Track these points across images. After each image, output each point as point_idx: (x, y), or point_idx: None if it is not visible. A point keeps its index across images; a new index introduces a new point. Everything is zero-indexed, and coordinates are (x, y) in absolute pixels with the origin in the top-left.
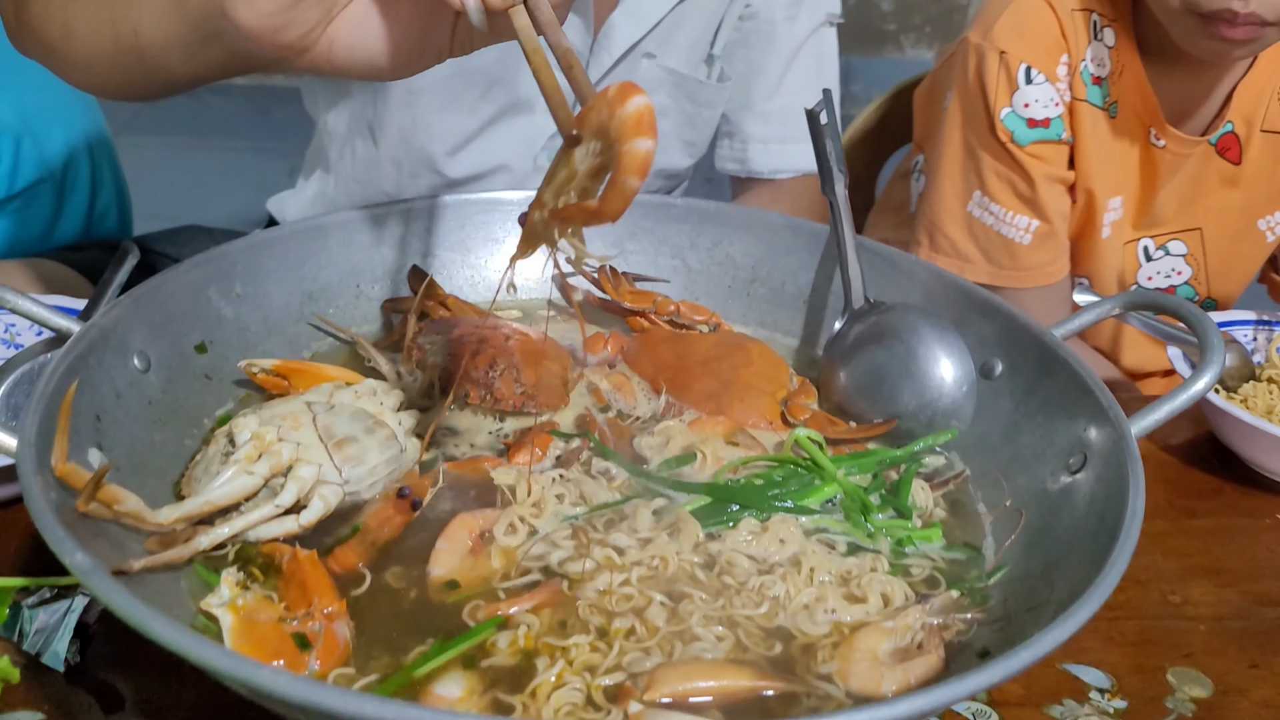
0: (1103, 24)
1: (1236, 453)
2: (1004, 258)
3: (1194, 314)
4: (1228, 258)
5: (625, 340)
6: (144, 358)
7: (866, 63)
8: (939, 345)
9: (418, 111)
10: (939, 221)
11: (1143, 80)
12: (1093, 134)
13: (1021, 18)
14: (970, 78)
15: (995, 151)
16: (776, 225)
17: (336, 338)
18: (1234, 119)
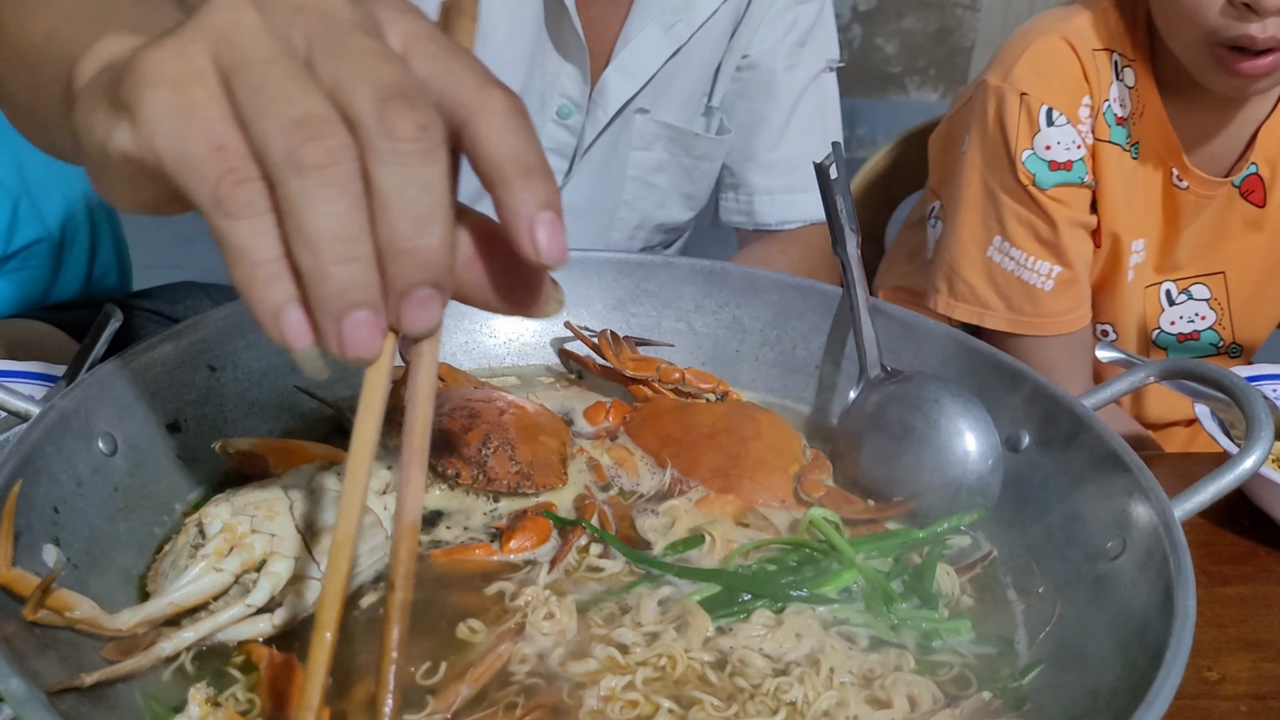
0: (1123, 64)
1: (1269, 514)
2: (1025, 304)
3: (1238, 385)
4: (1252, 302)
5: (628, 410)
6: (110, 440)
7: (871, 105)
8: (962, 417)
9: None
10: (958, 267)
11: (1163, 120)
12: (1117, 175)
13: (1042, 59)
14: (990, 120)
15: (1016, 195)
16: (786, 286)
17: (323, 402)
18: (1258, 161)
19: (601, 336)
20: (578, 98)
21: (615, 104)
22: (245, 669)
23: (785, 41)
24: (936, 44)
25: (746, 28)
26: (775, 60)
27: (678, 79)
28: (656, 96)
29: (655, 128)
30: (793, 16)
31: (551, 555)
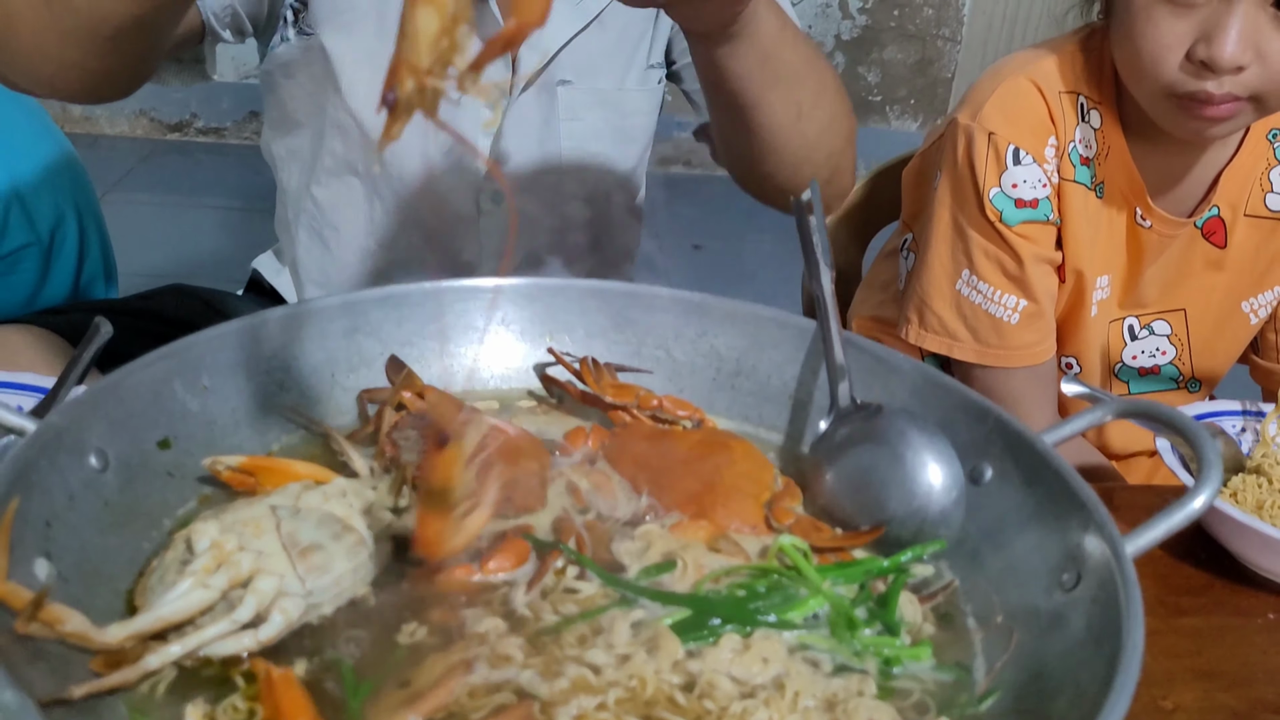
0: (1089, 106)
1: (1225, 547)
2: (992, 336)
3: (1189, 427)
4: (1211, 339)
5: (606, 435)
6: (102, 456)
7: None
8: (927, 450)
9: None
10: (928, 299)
11: (1128, 161)
12: (1081, 214)
13: (1009, 100)
14: (960, 158)
15: (984, 231)
16: (762, 318)
17: (310, 424)
18: (1219, 203)
19: (583, 363)
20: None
21: (523, 78)
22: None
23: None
24: (917, 74)
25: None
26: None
27: (600, 48)
28: (579, 67)
29: (581, 96)
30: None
31: (529, 576)
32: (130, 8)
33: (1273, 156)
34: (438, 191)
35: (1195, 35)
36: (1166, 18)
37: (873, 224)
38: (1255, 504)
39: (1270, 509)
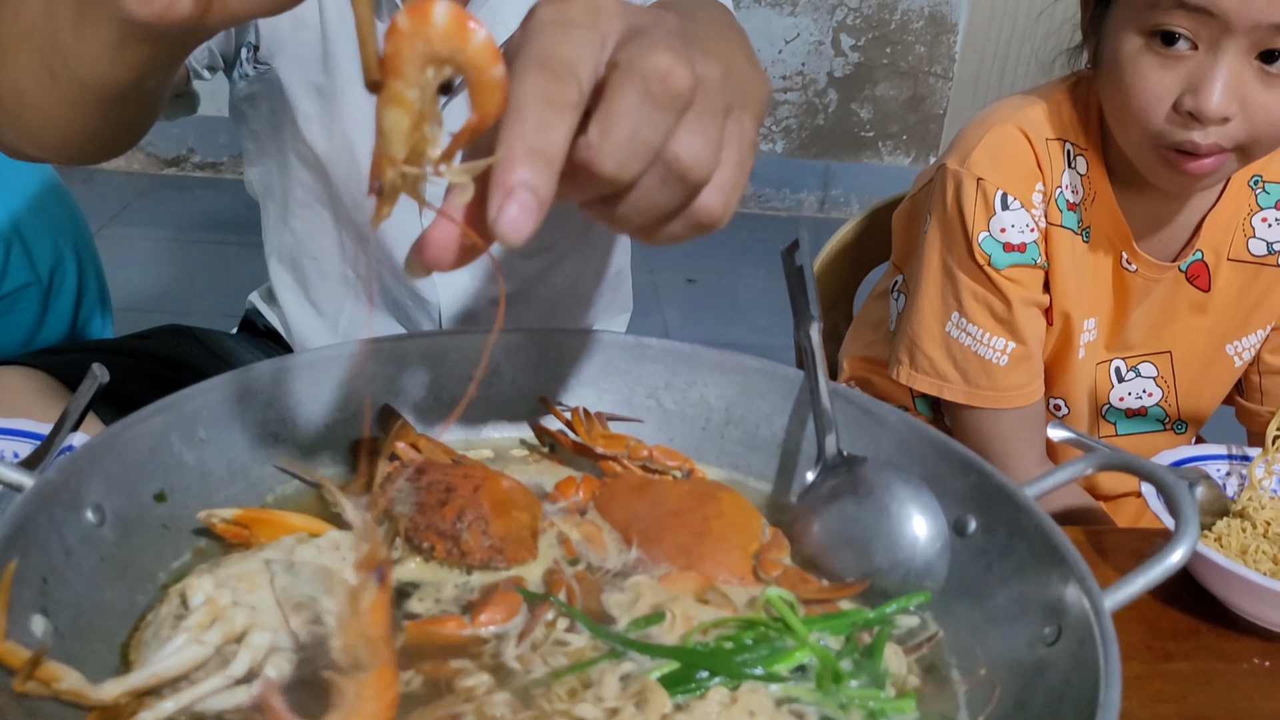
0: (1076, 152)
1: (1211, 592)
2: (981, 378)
3: (1167, 481)
4: (1197, 381)
5: (597, 485)
6: (99, 510)
7: (846, 167)
8: (912, 503)
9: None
10: (919, 340)
11: (1113, 206)
12: (1069, 258)
13: (997, 146)
14: (949, 203)
15: (973, 274)
16: (751, 369)
17: (304, 477)
18: (1203, 248)
19: (575, 413)
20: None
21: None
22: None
23: None
24: (909, 110)
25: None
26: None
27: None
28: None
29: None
30: None
31: (520, 629)
32: (131, 72)
33: (1254, 203)
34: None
35: (1182, 87)
36: (1154, 69)
37: (865, 263)
38: (1240, 549)
39: (1255, 554)
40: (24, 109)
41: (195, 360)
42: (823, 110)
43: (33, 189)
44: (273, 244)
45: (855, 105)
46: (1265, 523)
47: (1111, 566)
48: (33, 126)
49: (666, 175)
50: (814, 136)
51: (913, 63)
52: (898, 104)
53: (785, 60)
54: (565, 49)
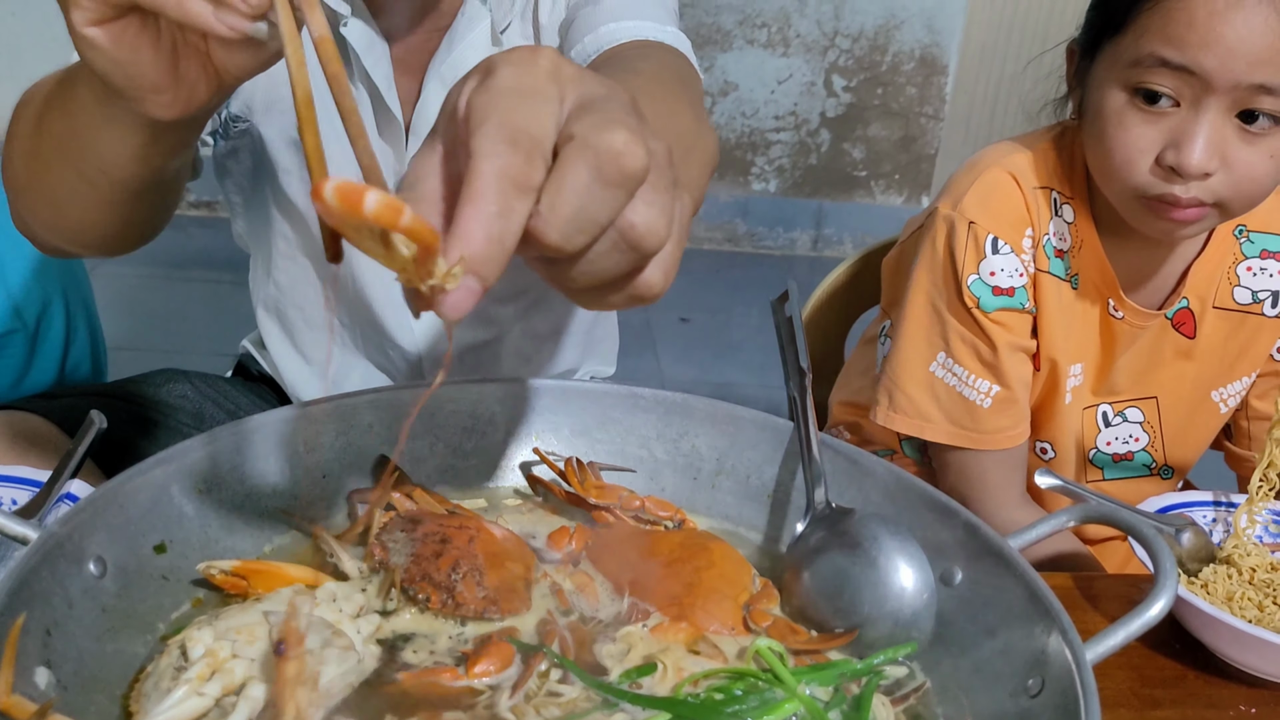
0: (1062, 201)
1: (1198, 639)
2: (965, 419)
3: (1147, 535)
4: (1183, 426)
5: (590, 535)
6: (100, 563)
7: (838, 206)
8: (899, 554)
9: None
10: (899, 381)
11: (1100, 255)
12: (1056, 304)
13: (988, 192)
14: (940, 245)
15: (961, 316)
16: (741, 419)
17: (300, 525)
18: (1189, 295)
19: (568, 463)
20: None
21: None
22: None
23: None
24: (901, 150)
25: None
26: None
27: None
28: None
29: None
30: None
31: (514, 680)
32: (160, 161)
33: (1239, 252)
34: (361, 267)
35: (1164, 142)
36: (1138, 124)
37: (855, 307)
38: (1225, 595)
39: (1240, 600)
40: (63, 215)
41: (189, 405)
42: (815, 150)
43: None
44: (259, 294)
45: (848, 145)
46: (1250, 569)
47: (1100, 613)
48: (72, 228)
49: (619, 243)
50: (807, 176)
51: (904, 104)
52: (890, 144)
53: (778, 100)
54: (531, 123)
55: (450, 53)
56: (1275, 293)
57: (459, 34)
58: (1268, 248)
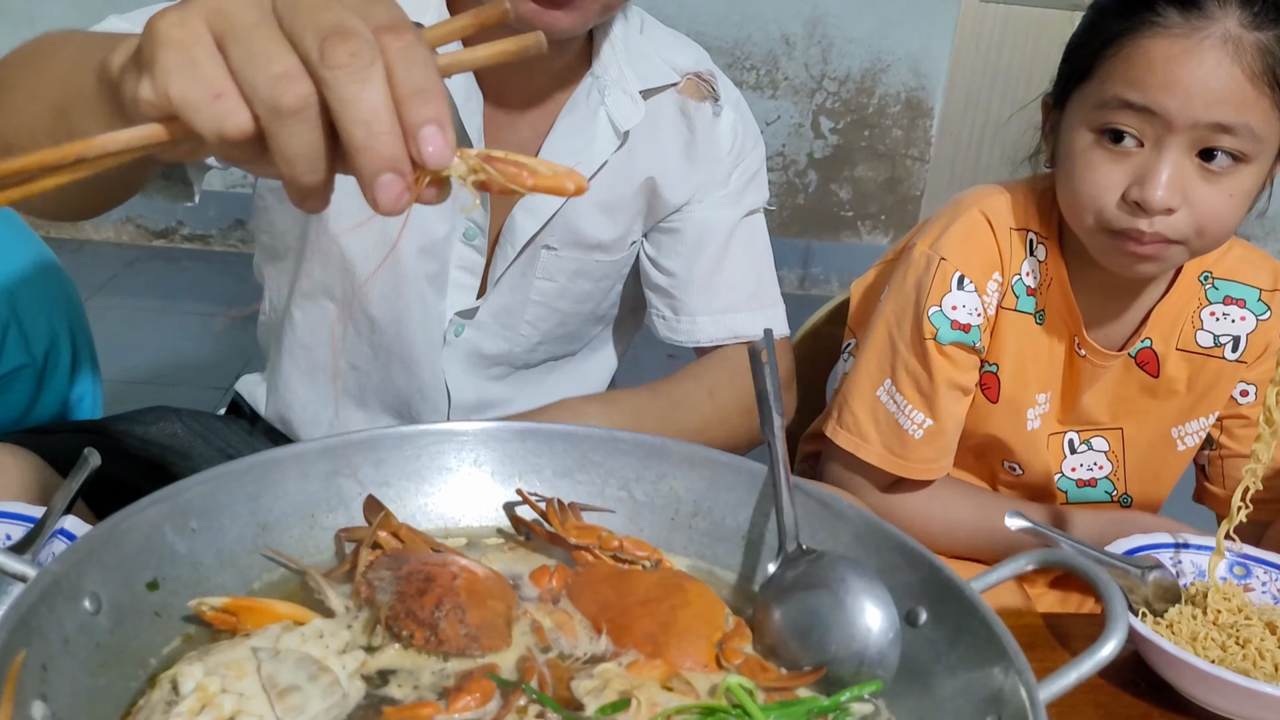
0: (1037, 241)
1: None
2: (896, 444)
3: (1100, 580)
4: (1144, 459)
5: (570, 574)
6: (95, 599)
7: (825, 246)
8: (866, 595)
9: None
10: (849, 398)
11: (1068, 292)
12: (1022, 337)
13: (964, 232)
14: (910, 277)
15: (914, 348)
16: (717, 463)
17: (289, 565)
18: (1152, 336)
19: (549, 504)
20: (481, 222)
21: (521, 239)
22: None
23: (721, 193)
24: (887, 191)
25: (673, 179)
26: (710, 210)
27: (584, 219)
28: (563, 234)
29: (561, 262)
30: (727, 171)
31: (494, 715)
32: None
33: (1203, 297)
34: (407, 322)
35: (1129, 179)
36: (1104, 163)
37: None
38: (1190, 635)
39: (1204, 641)
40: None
41: (179, 443)
42: (803, 190)
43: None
44: (273, 328)
45: (835, 186)
46: (1215, 610)
47: (1068, 650)
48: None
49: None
50: (795, 216)
51: (890, 145)
52: (876, 185)
53: (767, 141)
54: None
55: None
56: (1236, 338)
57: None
58: (1231, 294)
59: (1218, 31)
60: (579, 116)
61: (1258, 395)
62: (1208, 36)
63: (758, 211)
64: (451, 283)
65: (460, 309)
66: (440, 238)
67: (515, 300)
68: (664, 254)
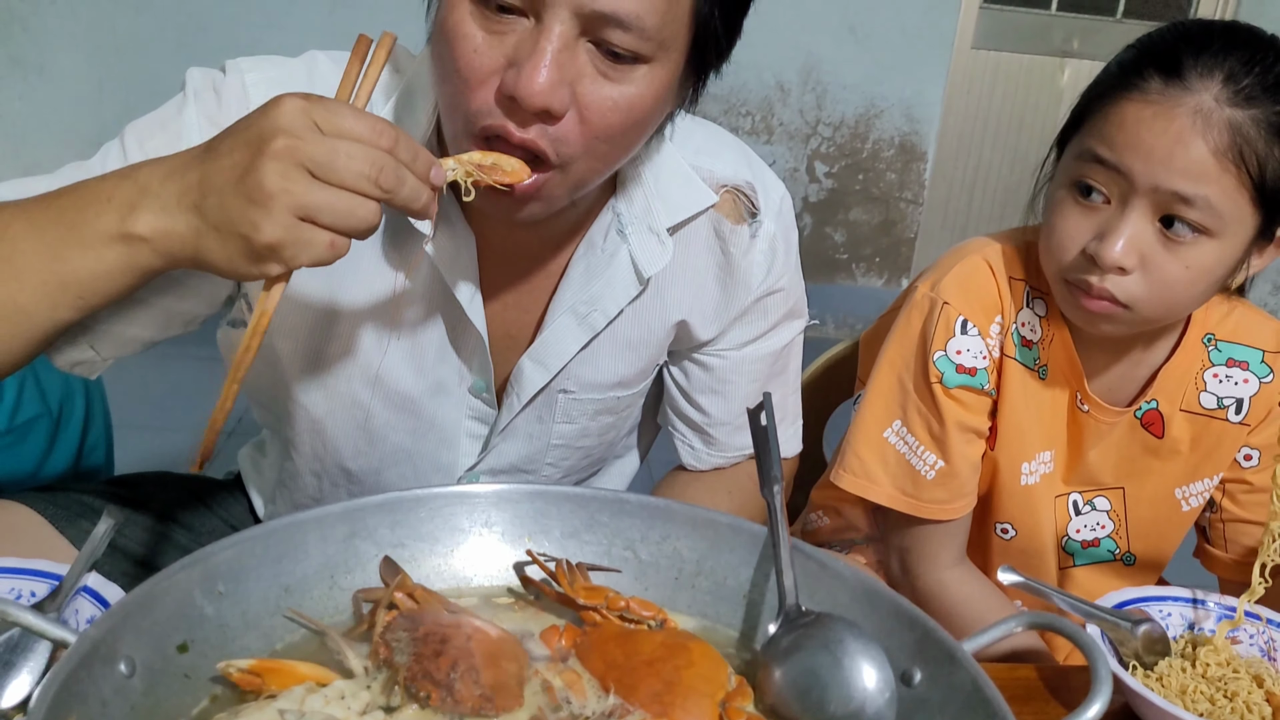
0: (1034, 295)
1: None
2: (909, 485)
3: (1087, 643)
4: (1147, 519)
5: (578, 633)
6: (130, 663)
7: (820, 289)
8: (862, 656)
9: (325, 437)
10: (853, 442)
11: (1070, 350)
12: (1021, 391)
13: (966, 277)
14: (915, 321)
15: (921, 390)
16: (720, 524)
17: (310, 625)
18: (1158, 397)
19: (558, 565)
20: (486, 379)
21: (529, 391)
22: None
23: (758, 327)
24: (882, 234)
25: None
26: (748, 350)
27: (604, 360)
28: (578, 378)
29: (581, 405)
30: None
31: None
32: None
33: (1207, 359)
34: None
35: (1093, 233)
36: (1074, 214)
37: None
38: (1179, 688)
39: (1193, 694)
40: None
41: (180, 511)
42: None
43: None
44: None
45: (830, 229)
46: (1204, 664)
47: (1061, 704)
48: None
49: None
50: None
51: (884, 189)
52: (870, 228)
53: None
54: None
55: (588, 287)
56: (1239, 400)
57: (597, 269)
58: (1234, 356)
59: (1191, 103)
60: (596, 259)
61: (1261, 461)
62: (1180, 106)
63: (798, 336)
64: (465, 432)
65: (471, 464)
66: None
67: (535, 447)
68: (696, 388)
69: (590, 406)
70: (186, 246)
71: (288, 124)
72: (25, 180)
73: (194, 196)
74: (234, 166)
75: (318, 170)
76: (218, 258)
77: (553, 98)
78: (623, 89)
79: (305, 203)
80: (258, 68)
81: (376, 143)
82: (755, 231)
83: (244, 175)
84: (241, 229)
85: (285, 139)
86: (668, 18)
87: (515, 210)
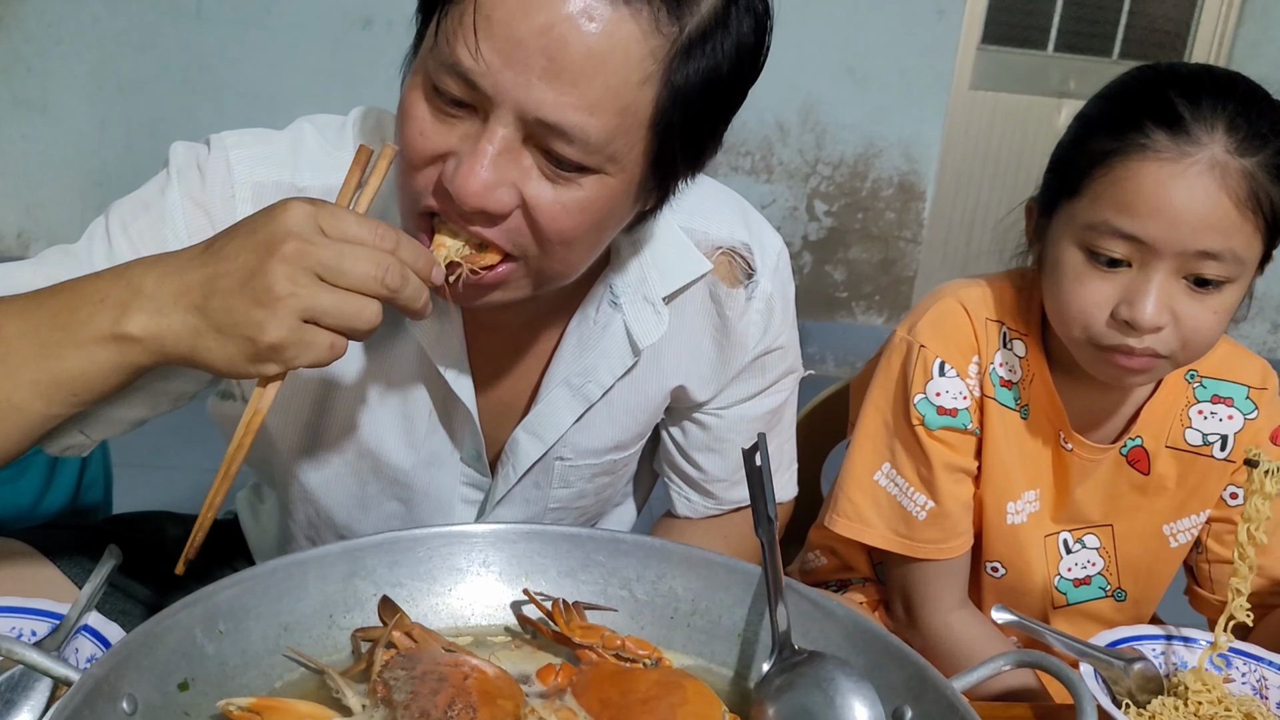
0: (1012, 336)
1: None
2: (902, 526)
3: (1074, 683)
4: (1136, 555)
5: (574, 672)
6: (132, 701)
7: (820, 326)
8: (854, 695)
9: (319, 506)
10: (845, 486)
11: (1051, 389)
12: (1002, 431)
13: (941, 319)
14: (895, 365)
15: (905, 432)
16: (715, 564)
17: (308, 664)
18: (1142, 434)
19: (555, 604)
20: (478, 448)
21: (525, 463)
22: None
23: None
24: (881, 272)
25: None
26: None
27: (599, 427)
28: (576, 445)
29: (578, 470)
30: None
31: None
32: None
33: (1191, 395)
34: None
35: (1118, 298)
36: (1094, 280)
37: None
38: None
39: None
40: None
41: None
42: (798, 272)
43: None
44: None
45: (829, 267)
46: (1196, 702)
47: None
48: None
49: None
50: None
51: (884, 228)
52: (870, 266)
53: None
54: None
55: (581, 358)
56: (1224, 436)
57: (590, 340)
58: (1218, 393)
59: (1205, 158)
60: (589, 331)
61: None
62: (1196, 163)
63: (793, 390)
64: (460, 499)
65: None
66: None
67: (532, 511)
68: (693, 446)
69: (587, 471)
70: (181, 345)
71: (297, 228)
72: (7, 266)
73: (194, 297)
74: (241, 269)
75: (326, 274)
76: (216, 358)
77: (488, 199)
78: (571, 193)
79: (312, 305)
80: (242, 144)
81: (380, 245)
82: (752, 293)
83: (251, 277)
84: (246, 330)
85: (295, 243)
86: (617, 133)
87: (475, 297)
